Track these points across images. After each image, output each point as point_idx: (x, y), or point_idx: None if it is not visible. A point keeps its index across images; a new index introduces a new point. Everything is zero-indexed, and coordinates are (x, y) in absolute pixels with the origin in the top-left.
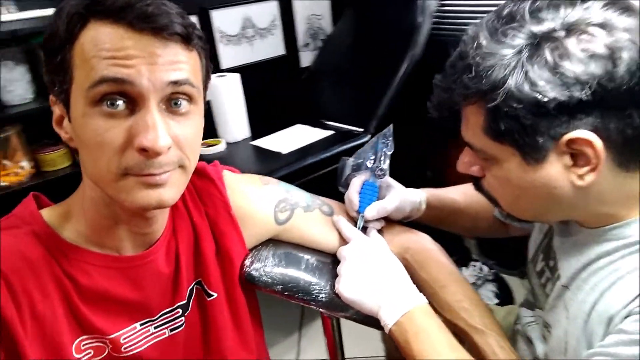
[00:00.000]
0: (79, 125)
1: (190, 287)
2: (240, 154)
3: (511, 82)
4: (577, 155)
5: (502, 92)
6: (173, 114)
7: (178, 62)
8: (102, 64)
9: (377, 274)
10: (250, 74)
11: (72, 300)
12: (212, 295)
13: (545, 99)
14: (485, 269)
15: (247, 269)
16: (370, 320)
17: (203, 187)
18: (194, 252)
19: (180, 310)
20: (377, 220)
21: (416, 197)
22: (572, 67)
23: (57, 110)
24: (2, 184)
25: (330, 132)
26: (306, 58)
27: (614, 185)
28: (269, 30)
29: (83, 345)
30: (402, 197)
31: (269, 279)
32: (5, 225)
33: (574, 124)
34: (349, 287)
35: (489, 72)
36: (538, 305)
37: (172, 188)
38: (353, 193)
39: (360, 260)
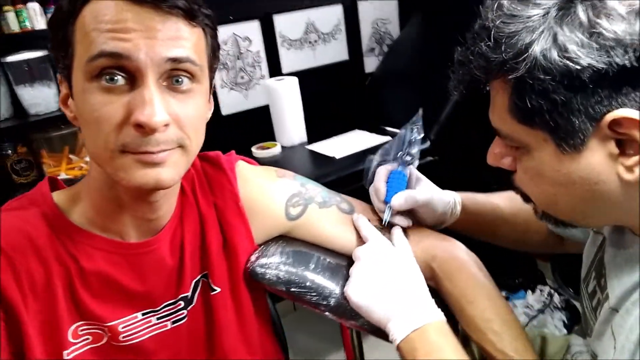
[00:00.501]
0: (80, 101)
1: (196, 279)
2: (293, 158)
3: (537, 49)
4: (624, 141)
5: (526, 61)
6: (174, 92)
7: (179, 38)
8: (101, 37)
9: (392, 280)
10: (311, 79)
11: (73, 284)
12: (216, 290)
13: (578, 67)
14: (557, 296)
15: (251, 264)
16: (382, 331)
17: (214, 177)
18: (200, 243)
19: (182, 302)
20: (405, 217)
21: (449, 198)
22: (613, 26)
23: (63, 88)
24: (66, 177)
25: (387, 138)
26: (371, 63)
27: None
28: (332, 34)
29: (80, 331)
30: (433, 193)
31: (274, 277)
32: (16, 206)
33: (618, 99)
34: (358, 290)
35: (511, 38)
36: (589, 332)
37: (171, 168)
38: (379, 182)
39: (375, 262)
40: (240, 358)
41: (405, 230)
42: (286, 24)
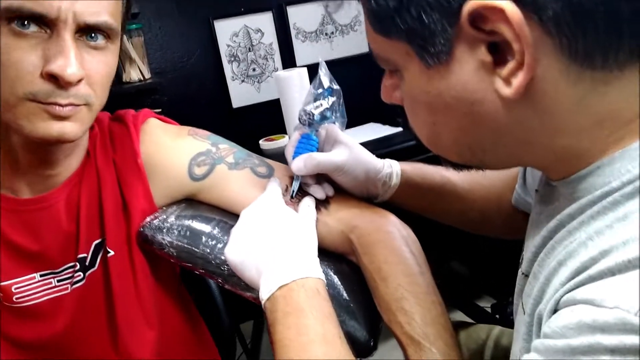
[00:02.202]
0: None
1: (97, 242)
2: None
3: None
4: (498, 45)
5: None
6: (88, 47)
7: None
8: None
9: (270, 236)
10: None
11: None
12: (110, 253)
13: None
14: None
15: (142, 227)
16: None
17: (117, 133)
18: (98, 204)
19: (78, 264)
20: (321, 187)
21: (380, 164)
22: None
23: None
24: None
25: (399, 129)
26: None
27: (570, 97)
28: (351, 26)
29: None
30: (354, 155)
31: (164, 241)
32: None
33: None
34: (233, 248)
35: None
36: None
37: (76, 123)
38: (287, 147)
39: (255, 221)
40: (138, 329)
41: (327, 200)
42: (301, 15)
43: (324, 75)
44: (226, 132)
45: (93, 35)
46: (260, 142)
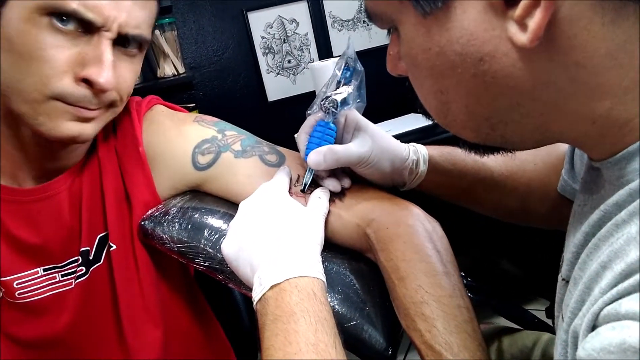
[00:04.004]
0: (16, 29)
1: (101, 235)
2: None
3: None
4: None
5: None
6: (122, 55)
7: (142, 11)
8: None
9: (267, 230)
10: (365, 61)
11: None
12: (112, 247)
13: None
14: None
15: (143, 220)
16: None
17: (119, 120)
18: (100, 194)
19: (81, 258)
20: (338, 179)
21: (406, 152)
22: None
23: None
24: None
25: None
26: None
27: (608, 42)
28: None
29: None
30: (378, 145)
31: (164, 235)
32: None
33: None
34: (229, 242)
35: None
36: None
37: (96, 124)
38: (300, 135)
39: (253, 213)
40: (142, 327)
41: (342, 190)
42: (337, 3)
43: (350, 56)
44: (262, 126)
45: (128, 44)
46: (296, 135)
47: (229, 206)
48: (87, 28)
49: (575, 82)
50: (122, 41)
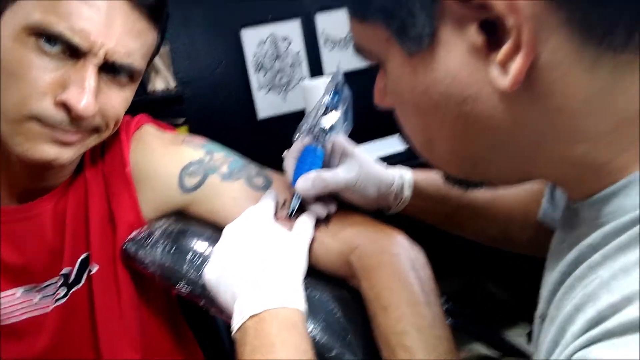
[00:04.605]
0: (5, 46)
1: (83, 257)
2: None
3: None
4: (490, 25)
5: None
6: (109, 82)
7: (135, 41)
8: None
9: (249, 256)
10: (356, 80)
11: None
12: (93, 269)
13: None
14: None
15: (126, 242)
16: None
17: (108, 140)
18: (85, 214)
19: (62, 278)
20: (324, 204)
21: (392, 178)
22: None
23: None
24: None
25: None
26: None
27: (585, 89)
28: None
29: None
30: (365, 171)
31: (146, 259)
32: None
33: None
34: (211, 268)
35: None
36: None
37: (76, 149)
38: (287, 160)
39: (236, 238)
40: (121, 353)
41: (328, 216)
42: (330, 22)
43: (338, 81)
44: (251, 143)
45: (118, 73)
46: (285, 153)
47: (214, 230)
48: (74, 52)
49: (554, 125)
50: (111, 68)
